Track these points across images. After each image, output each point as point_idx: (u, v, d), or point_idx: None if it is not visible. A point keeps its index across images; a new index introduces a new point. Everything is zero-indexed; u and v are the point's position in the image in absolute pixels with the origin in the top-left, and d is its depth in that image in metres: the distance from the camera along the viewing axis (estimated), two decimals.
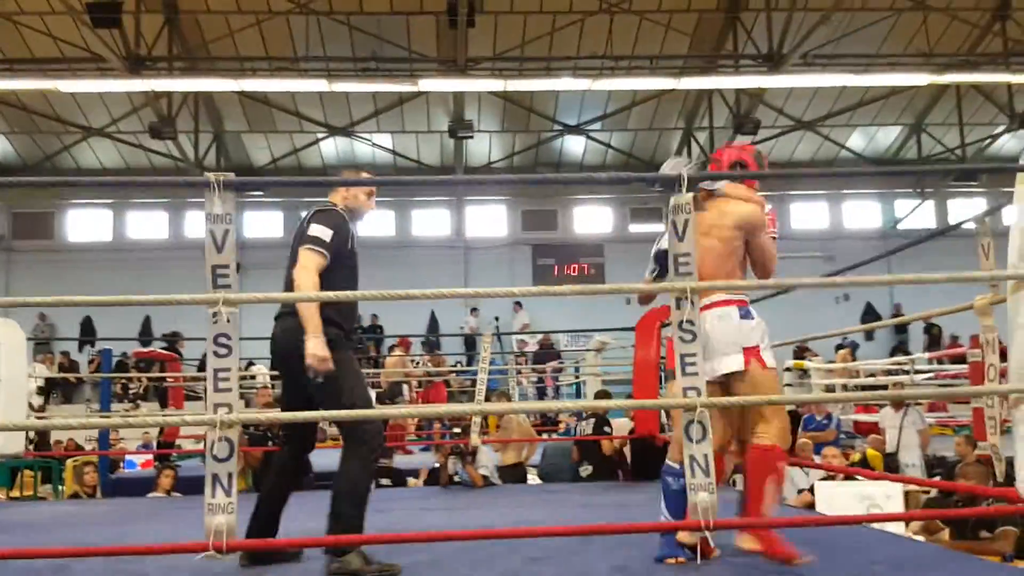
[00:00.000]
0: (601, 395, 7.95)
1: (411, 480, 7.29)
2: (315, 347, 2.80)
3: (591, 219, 18.51)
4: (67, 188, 16.82)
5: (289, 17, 13.43)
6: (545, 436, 8.79)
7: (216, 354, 2.24)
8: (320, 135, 16.59)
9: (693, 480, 2.44)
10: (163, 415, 9.36)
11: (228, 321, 2.23)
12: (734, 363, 2.97)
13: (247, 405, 9.82)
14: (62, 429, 7.98)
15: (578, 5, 13.58)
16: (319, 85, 12.82)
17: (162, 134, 14.16)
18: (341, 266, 3.10)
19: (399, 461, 8.27)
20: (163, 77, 12.91)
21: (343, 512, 2.87)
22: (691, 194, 2.48)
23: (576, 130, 16.91)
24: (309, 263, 2.97)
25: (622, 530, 3.15)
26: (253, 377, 9.29)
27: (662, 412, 5.84)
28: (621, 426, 6.77)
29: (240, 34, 13.70)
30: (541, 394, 13.19)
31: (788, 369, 12.20)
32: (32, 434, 8.12)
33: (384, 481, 7.01)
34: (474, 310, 17.44)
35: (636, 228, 18.28)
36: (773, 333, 3.22)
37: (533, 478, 7.17)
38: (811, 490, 5.73)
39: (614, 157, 17.76)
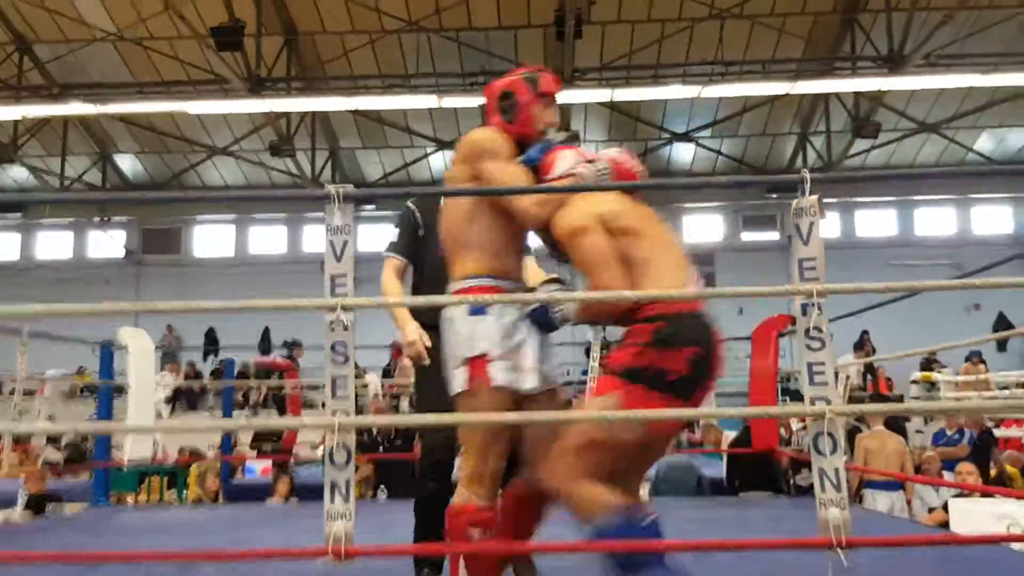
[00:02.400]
0: None
1: None
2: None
3: (701, 227, 18.14)
4: (193, 204, 17.67)
5: (401, 35, 13.77)
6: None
7: (334, 361, 2.27)
8: (429, 149, 16.93)
9: (823, 495, 2.33)
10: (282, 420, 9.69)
11: (345, 328, 2.27)
12: (457, 382, 2.38)
13: (359, 413, 10.04)
14: (186, 432, 8.35)
15: (687, 12, 13.37)
16: (429, 101, 13.09)
17: (281, 152, 14.75)
18: (416, 262, 3.13)
19: None
20: (282, 97, 13.45)
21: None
22: (816, 196, 2.37)
23: (685, 137, 16.64)
24: (383, 271, 3.08)
25: (736, 546, 3.04)
26: (365, 386, 9.49)
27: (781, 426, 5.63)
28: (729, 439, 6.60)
29: (354, 54, 14.15)
30: None
31: (915, 381, 11.61)
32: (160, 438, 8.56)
33: None
34: None
35: (749, 236, 17.84)
36: (898, 343, 2.99)
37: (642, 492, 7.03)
38: (944, 508, 5.43)
39: (724, 164, 17.39)
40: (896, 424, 6.98)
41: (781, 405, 9.30)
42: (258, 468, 9.28)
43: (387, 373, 14.98)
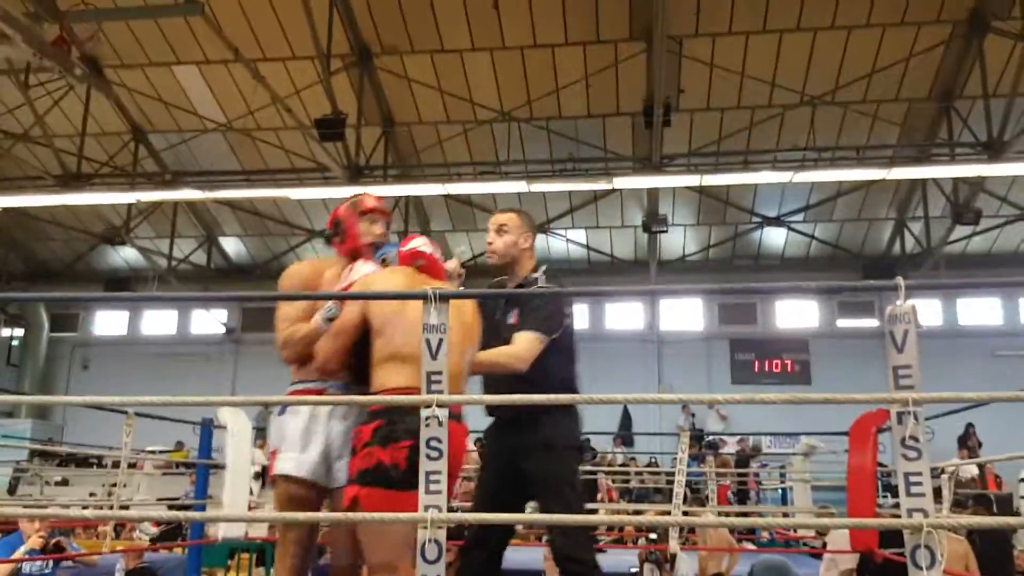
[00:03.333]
0: None
1: None
2: None
3: (795, 313, 17.73)
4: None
5: (492, 124, 14.24)
6: (751, 547, 8.32)
7: (428, 456, 2.32)
8: None
9: None
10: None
11: (440, 424, 2.32)
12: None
13: None
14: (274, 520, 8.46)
15: (778, 99, 13.41)
16: (519, 186, 13.39)
17: None
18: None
19: None
20: (379, 183, 13.98)
21: None
22: (911, 303, 2.33)
23: (776, 222, 16.46)
24: None
25: None
26: None
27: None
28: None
29: (448, 142, 14.68)
30: (742, 500, 12.52)
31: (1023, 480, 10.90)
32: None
33: None
34: (685, 406, 16.91)
35: (845, 323, 17.34)
36: (1005, 436, 2.86)
37: None
38: None
39: (818, 248, 17.08)
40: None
41: (880, 500, 8.87)
42: None
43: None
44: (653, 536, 6.54)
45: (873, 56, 12.85)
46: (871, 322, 17.12)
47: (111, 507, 6.51)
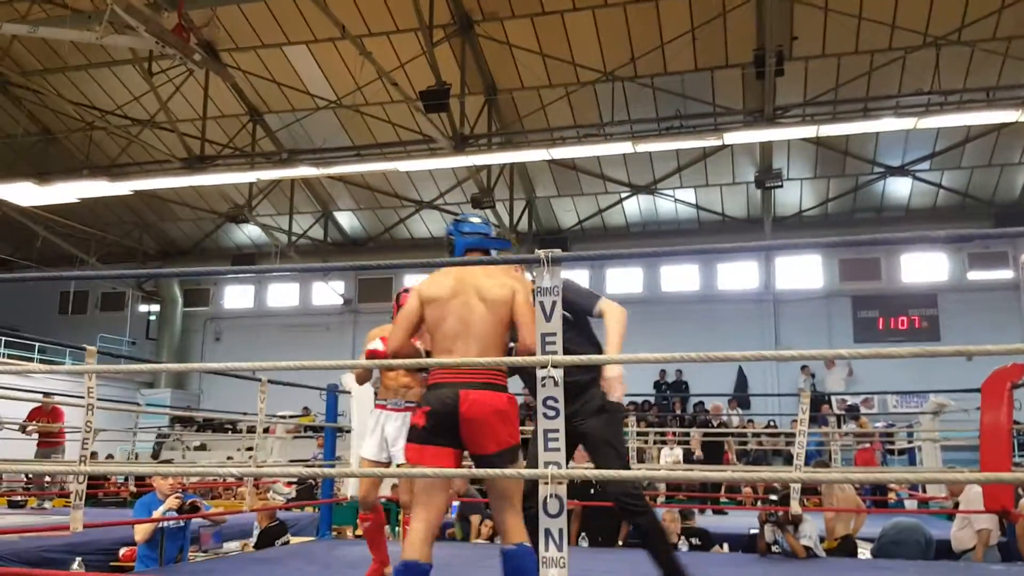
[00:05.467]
0: None
1: (715, 547, 7.04)
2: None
3: (921, 266, 16.87)
4: (403, 256, 18.73)
5: (596, 86, 14.07)
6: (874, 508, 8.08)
7: (545, 415, 2.37)
8: (624, 194, 17.03)
9: None
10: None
11: (556, 384, 2.36)
12: None
13: None
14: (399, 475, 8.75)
15: (899, 41, 12.66)
16: (624, 147, 13.20)
17: (482, 204, 15.41)
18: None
19: (710, 523, 8.06)
20: (483, 152, 14.08)
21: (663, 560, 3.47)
22: None
23: (900, 171, 15.64)
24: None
25: None
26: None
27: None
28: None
29: (551, 107, 14.60)
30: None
31: None
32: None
33: (694, 540, 6.87)
34: (804, 367, 16.46)
35: (976, 275, 16.41)
36: None
37: (864, 552, 6.60)
38: None
39: (946, 197, 16.16)
40: None
41: (1017, 460, 8.44)
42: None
43: None
44: (774, 497, 6.41)
45: None
46: (1005, 274, 16.14)
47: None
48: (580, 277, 18.30)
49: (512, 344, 3.15)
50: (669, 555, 3.52)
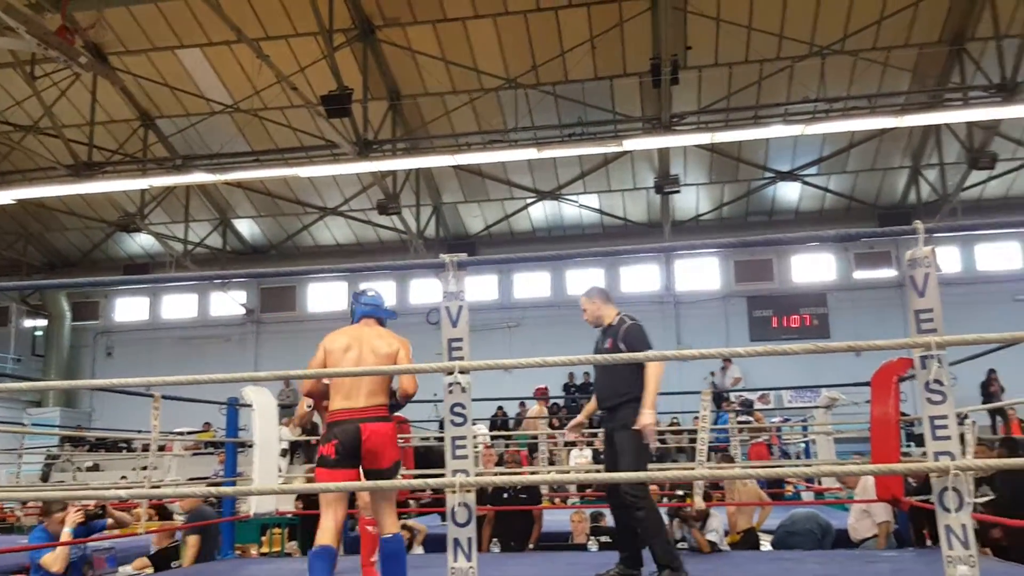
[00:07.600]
0: None
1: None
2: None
3: (811, 267, 17.65)
4: (307, 274, 18.38)
5: (499, 92, 14.14)
6: (775, 500, 8.37)
7: (453, 423, 2.35)
8: (529, 200, 17.17)
9: (951, 552, 2.23)
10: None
11: (463, 390, 2.35)
12: None
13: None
14: (306, 491, 8.57)
15: (786, 51, 13.23)
16: (528, 154, 13.31)
17: (388, 210, 15.26)
18: None
19: None
20: (388, 158, 13.95)
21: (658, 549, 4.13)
22: (931, 247, 2.32)
23: (790, 176, 16.32)
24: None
25: None
26: (475, 436, 9.59)
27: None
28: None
29: (455, 113, 14.60)
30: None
31: None
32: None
33: (603, 539, 6.96)
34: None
35: (862, 275, 17.26)
36: None
37: (765, 544, 6.82)
38: None
39: (833, 201, 16.94)
40: None
41: (904, 450, 8.88)
42: None
43: (493, 425, 15.17)
44: (680, 493, 6.57)
45: (881, 2, 12.64)
46: (889, 272, 17.01)
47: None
48: (488, 282, 18.34)
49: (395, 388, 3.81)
50: (666, 547, 4.17)
